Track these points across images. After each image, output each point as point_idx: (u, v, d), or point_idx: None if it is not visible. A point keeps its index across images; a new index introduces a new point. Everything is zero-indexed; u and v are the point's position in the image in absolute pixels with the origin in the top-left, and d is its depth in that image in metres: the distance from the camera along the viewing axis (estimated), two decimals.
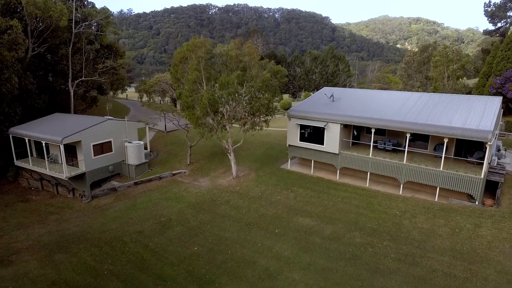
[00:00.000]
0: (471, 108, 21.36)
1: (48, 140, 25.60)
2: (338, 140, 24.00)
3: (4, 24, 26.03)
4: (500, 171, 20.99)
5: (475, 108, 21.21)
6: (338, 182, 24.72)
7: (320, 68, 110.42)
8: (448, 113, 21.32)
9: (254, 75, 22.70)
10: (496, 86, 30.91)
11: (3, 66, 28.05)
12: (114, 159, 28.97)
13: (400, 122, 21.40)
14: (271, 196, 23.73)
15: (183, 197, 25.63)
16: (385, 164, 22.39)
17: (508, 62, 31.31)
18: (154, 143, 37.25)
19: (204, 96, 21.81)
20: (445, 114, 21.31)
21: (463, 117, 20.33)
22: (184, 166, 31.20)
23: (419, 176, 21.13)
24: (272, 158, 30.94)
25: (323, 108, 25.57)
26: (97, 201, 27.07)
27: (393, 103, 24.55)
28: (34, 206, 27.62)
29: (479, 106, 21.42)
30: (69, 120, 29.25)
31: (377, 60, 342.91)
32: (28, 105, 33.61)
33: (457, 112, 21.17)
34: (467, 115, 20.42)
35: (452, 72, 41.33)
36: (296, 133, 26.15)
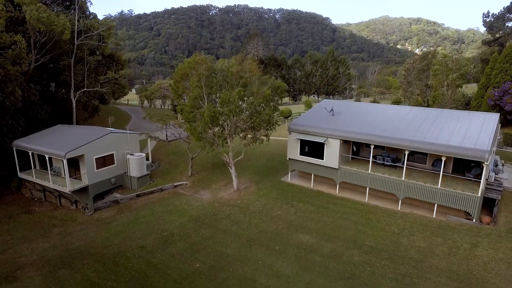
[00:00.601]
0: (469, 125, 21.67)
1: (52, 154, 25.96)
2: (338, 155, 24.32)
3: (9, 40, 26.37)
4: (497, 187, 21.31)
5: (473, 126, 21.52)
6: (338, 196, 25.06)
7: (321, 71, 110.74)
8: (446, 130, 21.63)
9: (255, 92, 23.02)
10: (494, 98, 31.21)
11: (6, 79, 28.41)
12: (116, 171, 29.33)
13: (398, 139, 21.72)
14: (272, 211, 24.06)
15: (185, 210, 25.97)
16: (384, 180, 22.72)
17: (506, 74, 31.60)
18: (156, 153, 37.58)
19: (206, 113, 22.15)
20: (443, 131, 21.62)
21: (461, 135, 20.64)
22: (186, 177, 31.54)
23: (417, 192, 21.45)
24: (273, 170, 31.27)
25: (323, 122, 25.90)
26: (99, 214, 27.41)
27: (392, 118, 24.88)
28: (37, 218, 27.96)
29: (477, 123, 21.74)
30: (72, 132, 29.60)
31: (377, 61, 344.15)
32: (31, 116, 33.97)
33: (455, 129, 21.48)
34: (465, 133, 20.73)
35: (451, 81, 41.61)
36: (296, 147, 26.48)
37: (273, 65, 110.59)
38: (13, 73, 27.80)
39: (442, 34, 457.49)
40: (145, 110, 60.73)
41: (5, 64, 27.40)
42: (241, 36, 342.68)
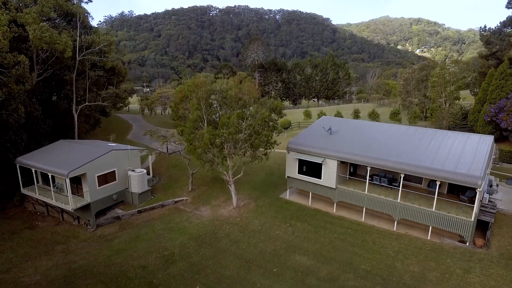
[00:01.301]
0: (464, 148, 22.11)
1: (54, 173, 26.47)
2: (335, 175, 24.80)
3: (12, 60, 26.86)
4: (491, 209, 21.77)
5: (467, 149, 21.96)
6: (335, 215, 25.54)
7: (321, 76, 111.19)
8: (441, 153, 22.09)
9: (254, 114, 23.50)
10: (490, 114, 31.65)
11: (10, 97, 28.92)
12: (118, 187, 29.83)
13: (394, 162, 22.18)
14: (270, 230, 24.54)
15: (185, 228, 26.46)
16: (380, 201, 23.19)
17: (502, 91, 32.03)
18: (156, 166, 38.08)
19: (205, 136, 22.63)
20: (438, 154, 22.08)
21: (455, 158, 21.09)
22: (186, 192, 32.04)
23: (412, 214, 21.93)
24: (272, 186, 31.76)
25: (321, 142, 26.37)
26: (101, 230, 27.93)
27: (389, 138, 25.34)
28: (40, 235, 28.46)
29: (471, 146, 22.18)
30: (74, 149, 30.08)
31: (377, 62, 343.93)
32: (34, 131, 34.45)
33: (450, 152, 21.93)
34: (459, 157, 21.18)
35: (449, 93, 42.06)
36: (294, 166, 26.96)
37: (273, 70, 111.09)
38: (16, 92, 28.29)
39: (443, 35, 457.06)
40: (146, 118, 61.31)
41: (8, 83, 27.90)
42: (241, 37, 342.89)
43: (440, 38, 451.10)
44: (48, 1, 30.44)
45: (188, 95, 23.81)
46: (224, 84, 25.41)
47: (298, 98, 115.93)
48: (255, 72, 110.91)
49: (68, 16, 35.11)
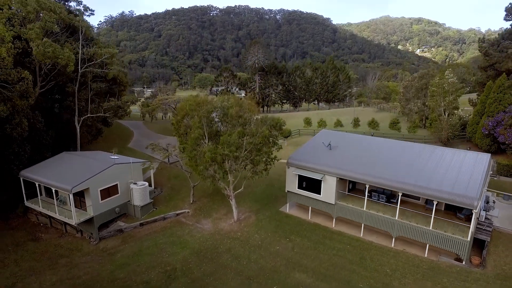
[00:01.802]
0: (461, 167, 22.48)
1: (58, 188, 26.89)
2: (334, 191, 25.21)
3: (17, 76, 27.25)
4: (487, 227, 22.16)
5: (464, 168, 22.33)
6: (334, 230, 25.95)
7: (321, 79, 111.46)
8: (439, 172, 22.48)
9: (254, 132, 23.89)
10: (488, 127, 32.01)
11: (14, 111, 29.32)
12: (120, 200, 30.25)
13: (392, 181, 22.57)
14: (270, 246, 24.95)
15: (187, 242, 26.87)
16: (379, 218, 23.59)
17: (500, 104, 32.39)
18: (158, 176, 38.43)
19: (206, 154, 23.03)
20: (436, 172, 22.47)
21: (453, 178, 21.47)
22: (187, 205, 32.44)
23: (410, 232, 22.33)
24: (272, 198, 32.17)
25: (320, 157, 26.77)
26: (104, 243, 28.35)
27: (388, 154, 25.73)
28: (44, 247, 28.86)
29: (468, 165, 22.55)
30: (77, 162, 30.48)
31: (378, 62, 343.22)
32: (37, 143, 34.80)
33: (448, 171, 22.30)
34: (457, 177, 21.56)
35: (448, 103, 42.41)
36: (294, 181, 27.37)
37: (273, 73, 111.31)
38: (20, 106, 28.69)
39: (443, 35, 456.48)
40: (147, 125, 61.69)
41: (12, 98, 28.30)
42: (242, 37, 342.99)
43: (441, 38, 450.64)
44: (51, 16, 30.79)
45: (190, 113, 24.20)
46: (225, 102, 25.77)
47: (298, 101, 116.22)
48: (255, 75, 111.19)
49: (70, 28, 35.46)
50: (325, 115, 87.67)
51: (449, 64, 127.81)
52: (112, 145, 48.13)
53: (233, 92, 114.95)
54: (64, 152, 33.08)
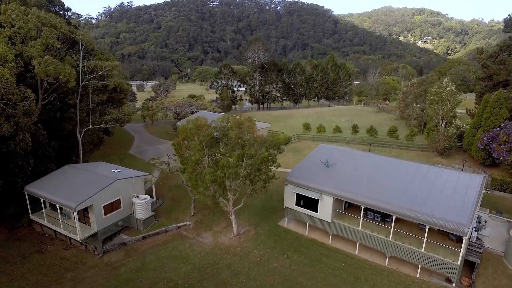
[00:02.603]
0: (455, 190, 23.07)
1: (62, 205, 27.67)
2: (331, 210, 25.97)
3: (20, 96, 27.72)
4: (477, 249, 22.96)
5: (458, 192, 22.93)
6: (330, 247, 26.80)
7: (321, 76, 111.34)
8: (433, 194, 23.15)
9: (253, 154, 24.49)
10: (483, 142, 32.56)
11: (18, 128, 29.88)
12: (123, 214, 31.06)
13: (386, 204, 23.26)
14: (269, 263, 25.84)
15: (189, 256, 27.77)
16: (373, 238, 24.39)
17: (496, 119, 32.85)
18: (159, 185, 39.16)
19: (206, 177, 23.71)
20: (430, 195, 23.14)
21: (446, 202, 22.13)
22: (188, 217, 33.26)
23: (403, 253, 23.15)
24: (271, 211, 32.96)
25: (318, 176, 27.43)
26: (108, 257, 29.27)
27: (383, 174, 26.34)
28: (49, 260, 29.78)
29: (462, 188, 23.16)
30: (80, 177, 31.12)
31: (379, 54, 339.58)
32: (40, 155, 35.44)
33: (441, 195, 22.91)
34: (449, 201, 22.21)
35: (445, 112, 42.87)
36: (292, 198, 28.11)
37: (273, 70, 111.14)
38: (24, 124, 29.24)
39: (446, 26, 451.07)
40: (147, 128, 62.18)
41: (16, 116, 28.83)
42: (242, 29, 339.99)
43: (443, 29, 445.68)
44: (52, 31, 31.02)
45: (190, 136, 24.77)
46: (225, 122, 26.29)
47: (298, 99, 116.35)
48: (255, 73, 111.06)
49: (70, 40, 35.68)
50: (324, 114, 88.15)
51: (450, 61, 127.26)
52: (114, 152, 48.92)
53: (233, 89, 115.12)
54: (67, 166, 33.71)
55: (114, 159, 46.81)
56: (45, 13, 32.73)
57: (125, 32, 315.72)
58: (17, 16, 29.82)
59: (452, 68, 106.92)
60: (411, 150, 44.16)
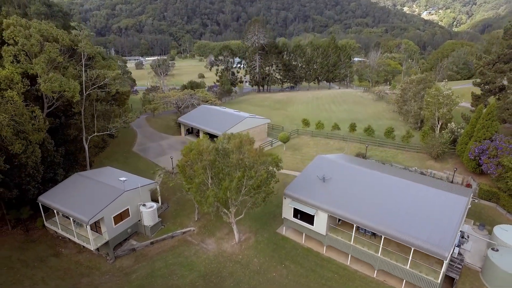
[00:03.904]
0: (441, 213, 24.79)
1: (76, 218, 29.68)
2: (326, 224, 27.98)
3: (29, 115, 28.79)
4: (458, 265, 25.17)
5: (445, 212, 24.68)
6: (324, 257, 29.13)
7: (322, 58, 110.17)
8: (421, 215, 24.98)
9: (253, 175, 26.07)
10: (474, 153, 33.97)
11: (28, 143, 31.23)
12: (131, 221, 33.19)
13: (377, 224, 25.16)
14: (268, 272, 28.27)
15: (194, 263, 30.21)
16: (363, 252, 26.59)
17: (487, 131, 33.99)
18: (163, 187, 41.02)
19: (210, 199, 25.48)
20: (418, 216, 24.97)
21: (431, 226, 23.99)
22: (193, 222, 35.44)
23: (390, 268, 25.42)
24: (270, 217, 35.06)
25: (314, 191, 29.20)
26: (120, 262, 31.73)
27: (376, 192, 28.02)
28: (65, 264, 32.25)
29: (447, 210, 24.92)
30: (89, 187, 32.82)
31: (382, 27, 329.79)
32: (49, 162, 37.00)
33: (429, 217, 24.67)
34: (435, 224, 24.06)
35: (442, 115, 43.87)
36: (290, 211, 30.09)
37: (273, 52, 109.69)
38: (34, 140, 30.55)
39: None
40: (149, 122, 63.15)
41: (26, 133, 30.10)
42: (241, 0, 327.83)
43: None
44: (54, 46, 31.41)
45: (194, 161, 26.17)
46: (225, 144, 27.59)
47: (298, 81, 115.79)
48: (255, 55, 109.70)
49: (71, 50, 36.02)
50: (323, 101, 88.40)
51: (453, 42, 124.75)
52: (118, 150, 50.39)
53: (233, 71, 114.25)
54: (76, 174, 35.36)
55: (119, 158, 48.45)
56: (45, 25, 32.83)
57: (121, 4, 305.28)
58: (19, 32, 30.09)
59: (454, 51, 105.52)
60: (406, 151, 45.61)
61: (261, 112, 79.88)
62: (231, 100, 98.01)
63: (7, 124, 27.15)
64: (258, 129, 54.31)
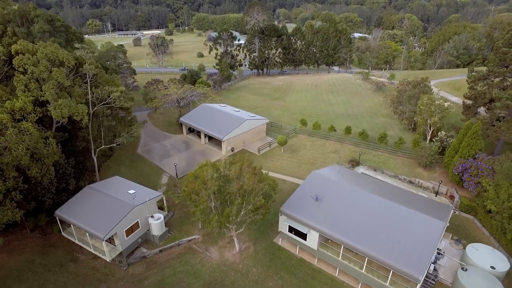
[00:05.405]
0: (421, 237, 27.76)
1: (92, 234, 32.77)
2: (317, 241, 31.18)
3: (43, 143, 30.93)
4: (432, 281, 28.64)
5: (424, 237, 27.65)
6: (316, 268, 32.67)
7: (321, 42, 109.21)
8: (402, 240, 27.95)
9: (251, 201, 28.80)
10: (458, 170, 36.49)
11: (43, 163, 33.66)
12: (141, 232, 36.42)
13: (361, 246, 28.26)
14: (265, 281, 31.89)
15: (199, 272, 33.78)
16: (350, 268, 30.00)
17: (472, 149, 36.22)
18: (167, 190, 43.80)
19: (213, 221, 28.40)
20: (399, 240, 27.96)
21: (409, 250, 27.08)
22: (197, 230, 38.73)
23: (372, 283, 28.92)
24: (268, 226, 38.26)
25: (307, 210, 32.12)
26: (132, 269, 35.31)
27: (364, 213, 30.87)
28: (83, 270, 35.77)
29: (426, 234, 27.89)
30: (101, 203, 35.55)
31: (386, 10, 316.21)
32: (61, 173, 39.62)
33: (408, 243, 27.61)
34: (413, 248, 27.14)
35: (433, 122, 45.84)
36: (285, 226, 33.17)
37: (273, 36, 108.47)
38: (48, 162, 32.95)
39: None
40: (151, 119, 64.93)
41: (43, 159, 32.46)
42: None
43: None
44: (61, 71, 32.78)
45: (198, 189, 28.72)
46: (226, 170, 30.04)
47: (298, 65, 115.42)
48: (255, 38, 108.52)
49: (77, 68, 37.27)
50: (322, 89, 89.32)
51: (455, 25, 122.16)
52: (123, 153, 52.75)
53: (232, 55, 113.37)
54: (88, 187, 38.03)
55: (125, 161, 50.96)
56: (50, 46, 33.89)
57: None
58: (28, 59, 31.38)
59: (456, 36, 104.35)
60: (398, 156, 48.06)
61: (260, 102, 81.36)
62: (230, 87, 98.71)
63: (24, 154, 29.35)
64: (258, 129, 56.35)
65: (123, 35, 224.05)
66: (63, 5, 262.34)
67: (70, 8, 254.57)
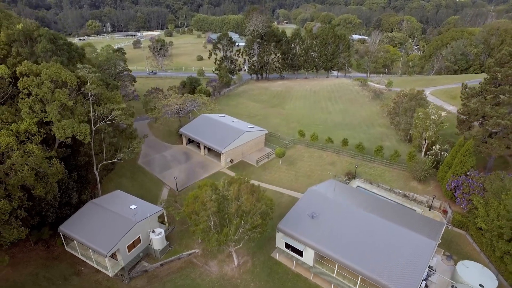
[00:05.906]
0: (412, 257, 28.83)
1: (95, 250, 33.80)
2: (313, 258, 32.24)
3: (47, 164, 31.90)
4: None
5: (415, 258, 28.72)
6: (311, 283, 33.75)
7: (320, 47, 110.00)
8: (393, 259, 29.02)
9: (249, 221, 29.83)
10: (451, 186, 37.52)
11: (47, 181, 34.64)
12: (143, 246, 37.46)
13: (355, 265, 29.32)
14: None
15: (199, 286, 34.84)
16: (344, 285, 31.07)
17: (464, 165, 37.24)
18: (168, 207, 44.88)
19: (212, 240, 29.45)
20: (391, 260, 29.02)
21: (400, 270, 28.14)
22: (197, 244, 39.76)
23: None
24: (265, 239, 39.20)
25: (304, 227, 33.14)
26: (134, 283, 36.35)
27: (358, 233, 31.86)
28: (86, 283, 36.80)
29: (417, 254, 28.96)
30: (104, 219, 36.58)
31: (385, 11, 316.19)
32: (64, 188, 40.60)
33: (399, 263, 28.65)
34: (403, 269, 28.20)
35: (428, 136, 46.84)
36: (283, 243, 34.22)
37: (272, 41, 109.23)
38: (52, 180, 33.94)
39: None
40: (151, 129, 65.86)
41: (48, 177, 33.44)
42: None
43: None
44: (64, 92, 33.72)
45: (197, 210, 29.75)
46: (225, 190, 31.05)
47: (297, 69, 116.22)
48: (254, 43, 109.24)
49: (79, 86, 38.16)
50: (320, 96, 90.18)
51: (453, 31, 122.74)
52: (124, 165, 53.64)
53: (231, 59, 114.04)
54: (90, 203, 39.03)
55: (126, 173, 51.95)
56: (53, 66, 34.75)
57: None
58: (32, 81, 32.29)
59: (453, 41, 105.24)
60: (393, 169, 49.06)
61: (259, 110, 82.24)
62: (230, 93, 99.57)
63: (29, 175, 30.33)
64: (256, 140, 57.30)
65: (123, 37, 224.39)
66: (62, 5, 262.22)
67: (70, 9, 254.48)
